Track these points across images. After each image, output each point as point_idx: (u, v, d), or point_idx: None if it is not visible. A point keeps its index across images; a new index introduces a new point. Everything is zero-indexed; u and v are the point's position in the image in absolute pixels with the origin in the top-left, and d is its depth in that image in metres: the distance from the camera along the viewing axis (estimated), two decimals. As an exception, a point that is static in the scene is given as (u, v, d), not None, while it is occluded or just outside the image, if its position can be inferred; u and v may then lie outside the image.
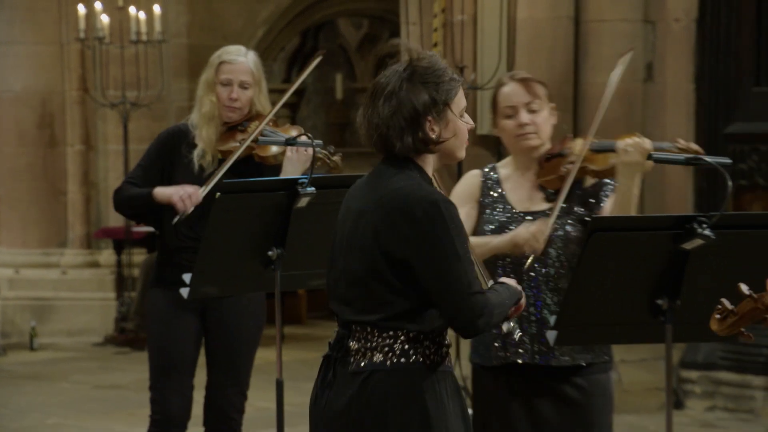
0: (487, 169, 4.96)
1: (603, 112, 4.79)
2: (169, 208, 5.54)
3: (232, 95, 5.61)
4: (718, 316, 2.97)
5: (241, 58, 5.71)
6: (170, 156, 5.70)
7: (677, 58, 9.45)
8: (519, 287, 4.07)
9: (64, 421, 8.96)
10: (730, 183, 4.51)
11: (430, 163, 4.04)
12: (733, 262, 4.16)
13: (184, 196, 5.46)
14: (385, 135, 3.94)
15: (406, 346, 3.91)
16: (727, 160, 4.64)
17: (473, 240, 4.69)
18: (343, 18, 17.09)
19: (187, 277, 5.12)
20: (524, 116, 4.79)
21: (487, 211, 4.86)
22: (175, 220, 5.49)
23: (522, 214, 4.81)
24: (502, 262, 4.76)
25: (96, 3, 11.12)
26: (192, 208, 5.46)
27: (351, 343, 3.94)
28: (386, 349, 3.90)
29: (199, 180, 5.57)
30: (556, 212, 4.65)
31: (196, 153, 5.63)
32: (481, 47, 9.04)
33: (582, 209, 4.81)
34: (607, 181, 4.81)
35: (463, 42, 8.99)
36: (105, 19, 10.96)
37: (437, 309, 3.89)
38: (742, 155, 9.17)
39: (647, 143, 4.63)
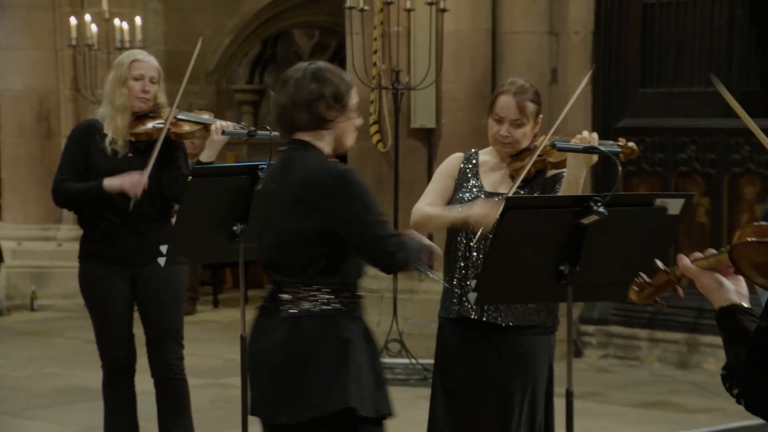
0: (469, 154, 4.94)
1: (563, 116, 4.83)
2: (111, 195, 5.58)
3: (145, 88, 5.64)
4: (636, 288, 2.97)
5: (149, 58, 5.78)
6: (87, 147, 5.69)
7: (577, 64, 9.47)
8: (427, 242, 4.24)
9: (59, 371, 8.92)
10: (619, 169, 4.54)
11: (326, 146, 4.15)
12: (622, 234, 4.19)
13: (134, 183, 5.51)
14: (289, 112, 4.10)
15: (329, 297, 4.07)
16: (618, 150, 4.66)
17: (434, 210, 4.76)
18: (297, 29, 17.00)
19: (163, 248, 5.14)
20: (506, 130, 4.77)
21: (463, 187, 4.83)
22: (131, 205, 5.53)
23: (489, 193, 4.80)
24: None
25: (86, 15, 11.08)
26: (141, 193, 5.51)
27: (283, 296, 4.07)
28: (312, 298, 4.05)
29: (114, 162, 5.59)
30: (511, 193, 4.67)
31: (107, 140, 5.63)
32: (413, 54, 9.03)
33: (532, 191, 4.80)
34: (563, 173, 4.83)
35: (398, 50, 8.98)
36: (94, 28, 10.90)
37: (362, 256, 4.10)
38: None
39: (593, 137, 4.65)
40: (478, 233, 4.65)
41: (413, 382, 8.16)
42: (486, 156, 4.90)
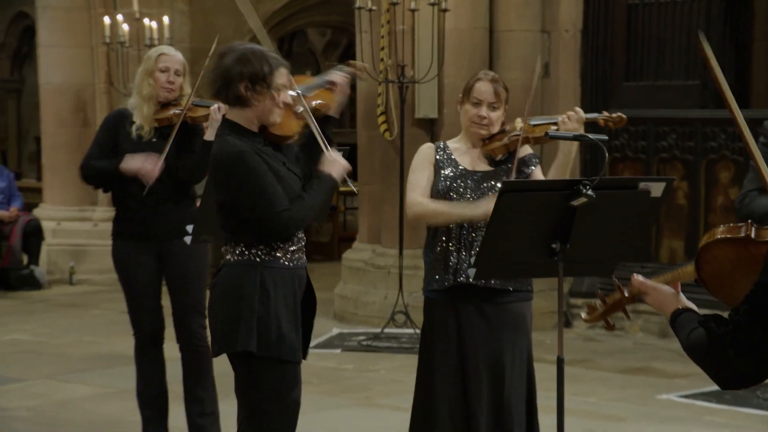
0: (437, 144, 4.92)
1: (531, 100, 4.83)
2: (129, 178, 5.60)
3: (170, 79, 5.65)
4: (587, 310, 2.97)
5: (175, 53, 5.78)
6: (116, 132, 5.72)
7: (567, 60, 9.47)
8: (329, 175, 4.31)
9: (95, 339, 8.94)
10: (606, 155, 4.54)
11: (250, 121, 4.23)
12: (608, 215, 4.19)
13: (148, 170, 5.53)
14: (215, 86, 4.20)
15: (243, 250, 4.19)
16: (605, 137, 4.65)
17: (438, 207, 4.74)
18: (311, 28, 17.00)
19: (189, 228, 5.18)
20: (485, 111, 4.78)
21: (441, 170, 4.82)
22: (145, 191, 5.54)
23: (468, 171, 4.79)
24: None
25: (118, 15, 11.06)
26: (153, 181, 5.54)
27: (223, 251, 4.27)
28: (231, 251, 4.21)
29: (139, 146, 5.62)
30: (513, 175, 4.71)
31: (134, 127, 5.66)
32: (417, 51, 9.01)
33: (517, 174, 4.81)
34: (533, 154, 4.83)
35: (404, 46, 8.97)
36: (125, 27, 10.89)
37: (258, 229, 4.18)
38: (616, 134, 9.20)
39: (581, 112, 4.70)
40: None
41: (417, 351, 8.15)
42: (455, 144, 4.89)
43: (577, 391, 6.96)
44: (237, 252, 4.20)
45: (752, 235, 2.48)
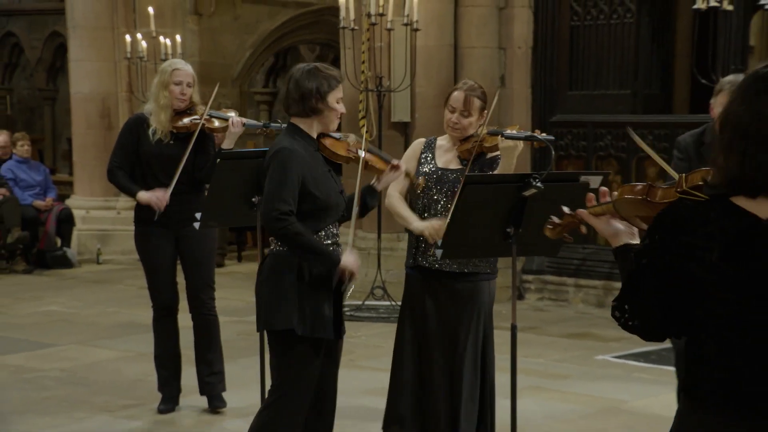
0: (429, 140, 4.91)
1: (490, 113, 4.82)
2: (151, 179, 5.64)
3: (183, 91, 5.61)
4: (549, 226, 2.98)
5: (186, 67, 5.73)
6: (138, 136, 5.68)
7: (520, 73, 9.48)
8: (343, 262, 4.14)
9: (119, 310, 8.92)
10: (553, 153, 4.54)
11: (312, 129, 4.19)
12: (553, 203, 4.18)
13: (159, 198, 5.53)
14: (289, 100, 4.17)
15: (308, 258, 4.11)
16: (552, 138, 4.65)
17: (402, 212, 4.75)
18: (302, 44, 16.93)
19: (198, 215, 5.16)
20: (456, 117, 4.76)
21: (422, 164, 4.82)
22: (156, 216, 5.54)
23: (441, 169, 4.79)
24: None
25: (138, 34, 11.02)
26: (163, 209, 5.54)
27: (270, 240, 4.23)
28: (274, 242, 4.16)
29: (159, 148, 5.59)
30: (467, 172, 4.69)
31: (151, 131, 5.62)
32: (393, 64, 9.00)
33: (479, 171, 4.81)
34: (499, 156, 4.83)
35: (381, 60, 8.96)
36: (144, 44, 10.85)
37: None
38: (561, 136, 9.23)
39: (518, 146, 4.64)
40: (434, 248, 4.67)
41: (393, 320, 8.15)
42: (443, 141, 4.89)
43: (528, 354, 6.98)
44: (278, 243, 4.14)
45: (648, 198, 2.52)
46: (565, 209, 2.91)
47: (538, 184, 4.11)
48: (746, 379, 2.16)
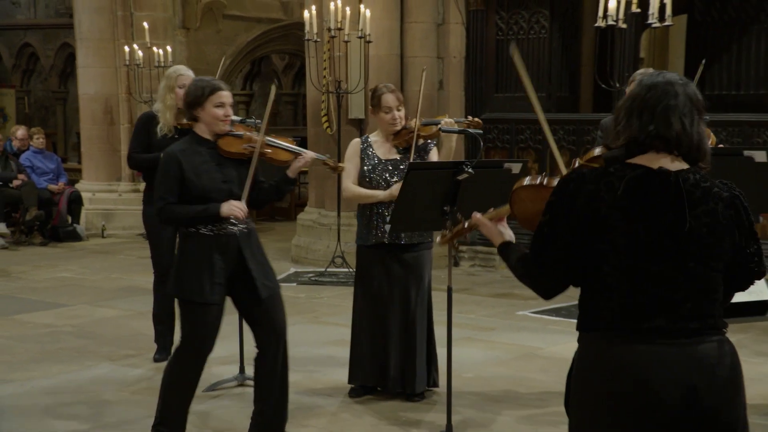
0: (363, 138, 4.93)
1: (420, 108, 4.80)
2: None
3: None
4: (439, 238, 2.95)
5: (189, 73, 5.62)
6: (149, 130, 5.58)
7: (455, 78, 9.46)
8: (219, 209, 3.91)
9: (120, 276, 8.81)
10: (481, 144, 4.54)
11: (204, 132, 4.05)
12: (482, 186, 4.19)
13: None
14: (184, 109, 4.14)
15: (194, 228, 3.97)
16: (480, 132, 4.66)
17: (362, 191, 4.74)
18: (274, 54, 16.81)
19: None
20: (396, 115, 4.76)
21: (365, 159, 4.82)
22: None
23: (384, 161, 4.78)
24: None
25: (135, 44, 10.93)
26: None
27: None
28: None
29: (165, 142, 5.27)
30: (411, 159, 4.69)
31: (159, 127, 5.54)
32: (350, 70, 8.95)
33: (417, 156, 4.80)
34: (429, 141, 4.82)
35: (340, 67, 8.91)
36: (140, 53, 10.74)
37: None
38: (489, 130, 9.24)
39: (452, 120, 4.70)
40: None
41: (350, 284, 8.12)
42: (374, 137, 4.91)
43: (461, 310, 7.00)
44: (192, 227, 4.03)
45: (544, 183, 2.53)
46: (459, 216, 2.91)
47: (470, 170, 4.10)
48: (638, 302, 2.20)
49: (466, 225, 2.81)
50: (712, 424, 2.16)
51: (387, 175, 4.78)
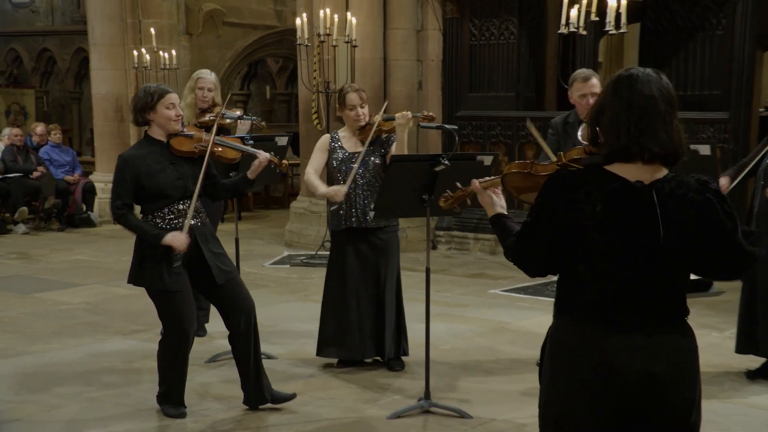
0: (333, 133, 4.88)
1: (385, 105, 4.75)
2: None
3: (204, 95, 5.48)
4: (443, 199, 2.93)
5: (209, 76, 5.58)
6: None
7: (433, 79, 9.41)
8: (166, 239, 3.88)
9: (130, 259, 8.71)
10: (457, 139, 4.50)
11: (155, 132, 3.98)
12: (458, 176, 4.14)
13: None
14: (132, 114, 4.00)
15: (146, 217, 3.98)
16: (455, 127, 4.63)
17: (315, 182, 4.66)
18: (269, 57, 16.70)
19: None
20: (360, 111, 4.71)
21: (333, 154, 4.77)
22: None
23: (351, 154, 4.74)
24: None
25: (143, 48, 10.83)
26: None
27: None
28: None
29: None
30: (359, 161, 4.63)
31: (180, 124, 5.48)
32: (338, 72, 8.89)
33: (380, 149, 4.76)
34: (391, 135, 4.77)
35: (328, 69, 8.85)
36: (147, 57, 10.65)
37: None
38: (463, 126, 9.22)
39: (409, 114, 4.63)
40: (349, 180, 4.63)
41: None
42: (342, 133, 4.87)
43: (438, 289, 6.98)
44: (146, 218, 4.01)
45: (532, 171, 2.48)
46: (458, 185, 2.89)
47: (446, 162, 4.07)
48: (610, 299, 2.17)
49: (467, 191, 2.79)
50: (668, 402, 2.16)
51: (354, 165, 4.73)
